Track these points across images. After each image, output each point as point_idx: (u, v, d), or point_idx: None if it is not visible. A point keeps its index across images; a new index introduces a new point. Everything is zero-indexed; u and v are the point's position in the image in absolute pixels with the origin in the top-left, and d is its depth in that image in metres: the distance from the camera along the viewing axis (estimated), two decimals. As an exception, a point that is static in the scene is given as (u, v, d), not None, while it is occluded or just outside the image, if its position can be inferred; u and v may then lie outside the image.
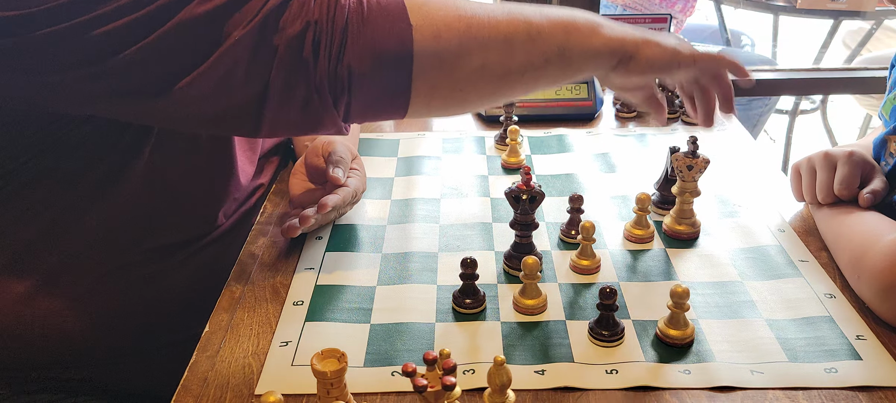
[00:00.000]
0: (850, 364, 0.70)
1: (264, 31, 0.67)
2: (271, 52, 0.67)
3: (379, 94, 0.71)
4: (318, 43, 0.67)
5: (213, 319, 0.78)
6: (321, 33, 0.67)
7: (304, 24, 0.67)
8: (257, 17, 0.66)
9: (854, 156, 0.88)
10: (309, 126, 0.72)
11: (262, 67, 0.67)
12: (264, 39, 0.67)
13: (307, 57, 0.67)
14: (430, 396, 0.57)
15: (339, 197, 0.89)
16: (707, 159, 0.87)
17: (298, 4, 0.68)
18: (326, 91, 0.68)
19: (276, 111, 0.69)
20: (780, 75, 1.79)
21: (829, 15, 2.51)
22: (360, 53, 0.68)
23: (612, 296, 0.72)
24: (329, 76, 0.68)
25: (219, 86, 0.68)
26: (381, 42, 0.68)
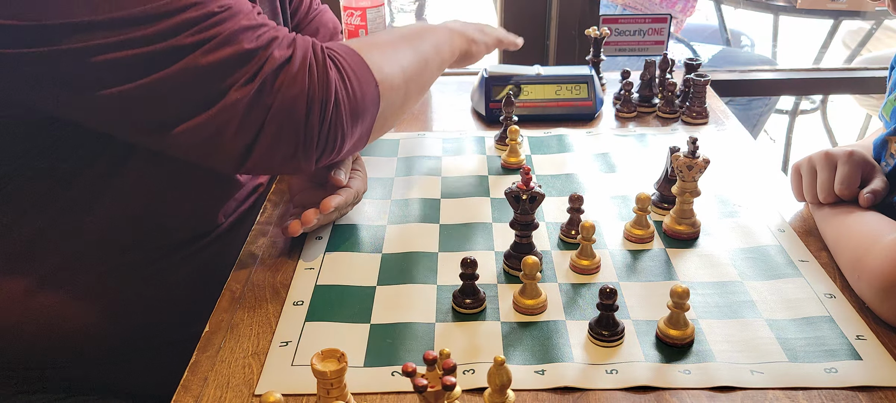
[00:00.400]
0: (850, 364, 0.70)
1: (261, 93, 0.72)
2: (264, 112, 0.73)
3: (352, 148, 0.83)
4: (311, 109, 0.74)
5: (213, 319, 0.78)
6: (313, 101, 0.74)
7: (299, 90, 0.74)
8: (256, 79, 0.72)
9: (854, 155, 0.88)
10: (286, 172, 0.82)
11: (254, 126, 0.73)
12: (260, 100, 0.72)
13: (299, 120, 0.74)
14: (430, 396, 0.57)
15: (342, 197, 0.89)
16: (707, 159, 0.87)
17: (294, 70, 0.74)
18: (313, 150, 0.77)
19: (259, 162, 0.76)
20: (780, 75, 1.79)
21: (829, 15, 2.50)
22: (346, 118, 0.78)
23: (612, 296, 0.72)
24: (319, 139, 0.76)
25: (211, 138, 0.72)
26: (362, 108, 0.80)
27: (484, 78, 1.27)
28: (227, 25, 0.71)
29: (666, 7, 2.21)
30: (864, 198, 0.86)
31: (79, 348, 0.86)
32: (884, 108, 0.96)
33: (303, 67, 0.74)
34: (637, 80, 1.29)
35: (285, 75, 0.73)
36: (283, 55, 0.74)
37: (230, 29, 0.71)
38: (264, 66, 0.72)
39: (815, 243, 0.90)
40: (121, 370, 0.90)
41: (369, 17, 1.31)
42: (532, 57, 1.70)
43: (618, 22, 1.46)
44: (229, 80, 0.71)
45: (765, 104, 2.30)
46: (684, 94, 1.27)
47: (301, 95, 0.74)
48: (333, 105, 0.76)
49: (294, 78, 0.73)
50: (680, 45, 2.29)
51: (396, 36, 0.91)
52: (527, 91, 1.26)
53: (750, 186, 1.03)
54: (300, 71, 0.74)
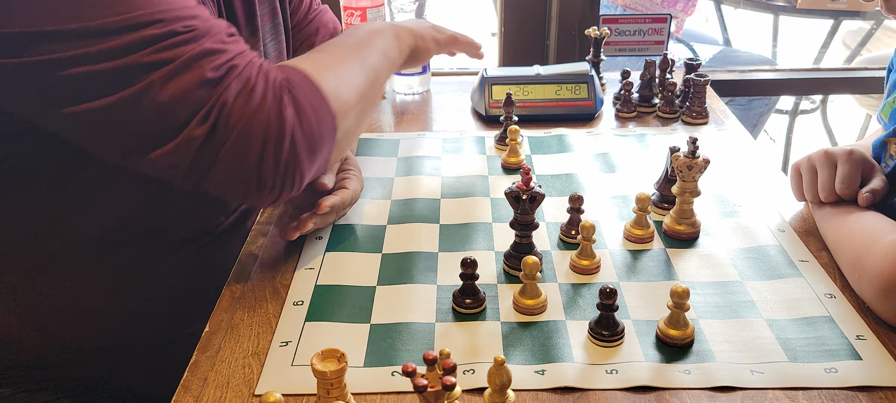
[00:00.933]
0: (850, 364, 0.70)
1: (214, 132, 0.70)
2: (216, 150, 0.70)
3: (311, 178, 0.80)
4: (265, 150, 0.72)
5: (213, 319, 0.78)
6: (268, 142, 0.72)
7: (253, 130, 0.71)
8: (211, 116, 0.69)
9: (854, 154, 0.88)
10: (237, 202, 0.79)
11: (206, 163, 0.71)
12: (213, 139, 0.70)
13: (251, 162, 0.72)
14: (430, 396, 0.57)
15: (338, 198, 0.89)
16: (707, 159, 0.87)
17: (250, 109, 0.71)
18: (267, 191, 0.74)
19: (213, 191, 0.74)
20: (780, 75, 1.79)
21: (829, 15, 2.50)
22: (303, 156, 0.75)
23: (612, 296, 0.72)
24: (275, 179, 0.74)
25: (168, 168, 0.71)
26: (319, 142, 0.77)
27: (484, 78, 1.27)
28: (189, 47, 0.69)
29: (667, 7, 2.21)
30: (863, 197, 0.86)
31: (78, 348, 0.86)
32: (882, 111, 0.96)
33: (260, 106, 0.72)
34: (637, 80, 1.29)
35: (240, 114, 0.71)
36: (240, 89, 0.71)
37: (192, 52, 0.69)
38: (220, 102, 0.70)
39: (815, 243, 0.90)
40: (121, 370, 0.90)
41: (369, 17, 1.31)
42: (532, 57, 1.70)
43: (618, 22, 1.46)
44: (186, 117, 0.69)
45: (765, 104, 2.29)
46: (684, 94, 1.27)
47: (255, 136, 0.71)
48: (289, 144, 0.73)
49: (250, 117, 0.71)
50: (680, 45, 2.28)
51: (346, 50, 0.88)
52: (527, 91, 1.26)
53: (750, 186, 1.03)
54: (256, 110, 0.71)
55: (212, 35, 0.72)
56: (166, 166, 0.71)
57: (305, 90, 0.76)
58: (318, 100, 0.77)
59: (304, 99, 0.75)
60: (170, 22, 0.68)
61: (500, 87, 1.25)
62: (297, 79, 0.77)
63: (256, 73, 0.73)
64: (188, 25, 0.70)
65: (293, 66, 0.78)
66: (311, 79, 0.77)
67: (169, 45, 0.68)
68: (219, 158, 0.71)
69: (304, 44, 1.12)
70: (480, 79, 1.28)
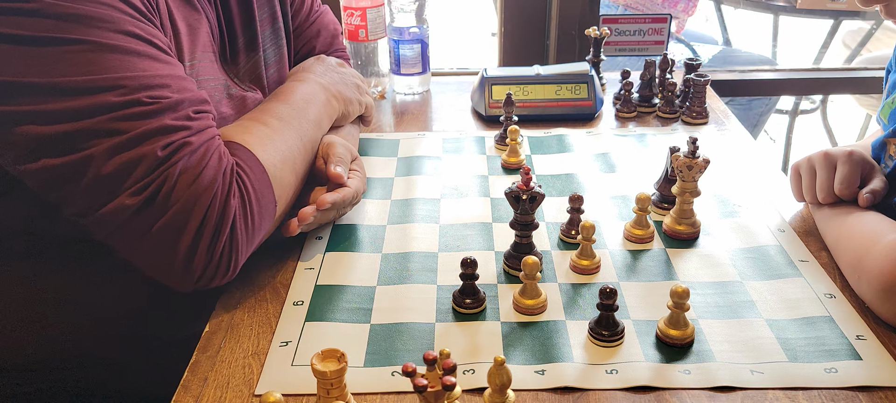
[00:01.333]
0: (850, 364, 0.70)
1: (151, 204, 0.68)
2: (153, 220, 0.69)
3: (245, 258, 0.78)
4: (201, 235, 0.70)
5: (213, 319, 0.78)
6: (205, 227, 0.70)
7: (193, 212, 0.69)
8: (149, 189, 0.68)
9: (854, 155, 0.88)
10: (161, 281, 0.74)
11: (140, 232, 0.69)
12: (150, 209, 0.68)
13: (183, 245, 0.70)
14: (430, 396, 0.57)
15: (340, 195, 0.89)
16: (707, 159, 0.87)
17: (198, 190, 0.70)
18: (193, 276, 0.72)
19: (139, 263, 0.73)
20: (780, 75, 1.79)
21: (829, 15, 2.50)
22: (242, 244, 0.75)
23: (612, 296, 0.72)
24: (206, 267, 0.72)
25: (101, 231, 0.70)
26: (260, 230, 0.78)
27: (484, 78, 1.27)
28: (146, 122, 0.67)
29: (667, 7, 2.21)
30: (863, 197, 0.86)
31: (78, 349, 0.86)
32: (881, 112, 0.96)
33: (207, 188, 0.70)
34: (637, 80, 1.29)
35: (183, 192, 0.69)
36: (188, 168, 0.69)
37: (148, 127, 0.67)
38: (163, 176, 0.68)
39: (815, 243, 0.90)
40: (121, 370, 0.90)
41: (369, 17, 1.31)
42: (532, 57, 1.70)
43: (618, 22, 1.46)
44: (124, 185, 0.67)
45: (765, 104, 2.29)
46: (684, 94, 1.27)
47: (194, 216, 0.70)
48: (229, 232, 0.72)
49: (193, 197, 0.69)
50: (680, 45, 2.28)
51: (285, 122, 0.87)
52: (527, 91, 1.26)
53: (750, 186, 1.03)
54: (202, 192, 0.70)
55: (176, 110, 0.70)
56: (100, 229, 0.70)
57: (255, 177, 0.76)
58: (264, 187, 0.77)
59: (252, 187, 0.75)
60: (134, 90, 0.67)
61: (500, 87, 1.25)
62: (248, 164, 0.76)
63: (209, 154, 0.71)
64: (154, 96, 0.68)
65: (243, 147, 0.78)
66: (260, 163, 0.78)
67: (126, 116, 0.67)
68: (151, 232, 0.69)
69: (306, 47, 1.12)
70: (480, 79, 1.28)
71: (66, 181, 0.67)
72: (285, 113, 0.89)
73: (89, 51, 0.66)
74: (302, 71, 1.02)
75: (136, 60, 0.68)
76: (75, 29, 0.65)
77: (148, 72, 0.69)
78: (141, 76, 0.68)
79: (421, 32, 1.34)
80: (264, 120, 0.85)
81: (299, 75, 1.00)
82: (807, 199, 0.94)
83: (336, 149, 0.93)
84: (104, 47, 0.67)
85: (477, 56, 3.55)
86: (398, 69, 1.38)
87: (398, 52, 1.35)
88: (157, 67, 0.70)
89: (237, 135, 0.80)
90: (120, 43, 0.68)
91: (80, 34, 0.66)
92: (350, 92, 1.05)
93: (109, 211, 0.68)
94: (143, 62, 0.69)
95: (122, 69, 0.67)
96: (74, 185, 0.68)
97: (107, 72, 0.66)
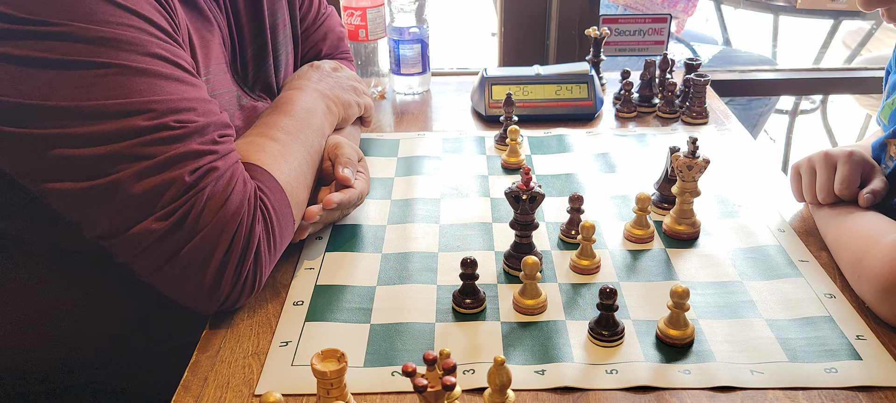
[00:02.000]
0: (850, 364, 0.70)
1: (180, 228, 0.69)
2: (181, 245, 0.69)
3: None
4: (228, 258, 0.72)
5: (213, 319, 0.78)
6: (233, 252, 0.72)
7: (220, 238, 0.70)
8: (177, 214, 0.68)
9: (854, 155, 0.88)
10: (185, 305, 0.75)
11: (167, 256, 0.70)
12: (178, 234, 0.69)
13: (212, 268, 0.71)
14: (430, 396, 0.57)
15: (346, 196, 0.89)
16: (707, 159, 0.87)
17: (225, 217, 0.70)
18: (218, 299, 0.73)
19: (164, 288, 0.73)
20: (780, 75, 1.79)
21: (829, 15, 2.50)
22: (264, 266, 0.76)
23: (612, 296, 0.72)
24: (233, 289, 0.73)
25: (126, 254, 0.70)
26: (280, 250, 0.80)
27: (484, 78, 1.27)
28: (173, 147, 0.68)
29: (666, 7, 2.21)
30: (863, 198, 0.86)
31: (78, 350, 0.86)
32: (881, 112, 0.96)
33: (235, 214, 0.71)
34: (637, 80, 1.29)
35: (211, 216, 0.70)
36: (216, 193, 0.70)
37: (176, 151, 0.68)
38: (191, 201, 0.69)
39: (815, 243, 0.90)
40: (121, 371, 0.90)
41: (369, 17, 1.31)
42: (532, 57, 1.70)
43: (618, 22, 1.46)
44: (153, 209, 0.68)
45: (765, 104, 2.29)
46: (684, 94, 1.27)
47: (222, 242, 0.70)
48: (254, 256, 0.73)
49: (221, 223, 0.70)
50: (680, 45, 2.28)
51: (293, 136, 0.87)
52: (527, 91, 1.26)
53: (750, 186, 1.03)
54: (230, 218, 0.71)
55: (203, 134, 0.70)
56: (124, 252, 0.70)
57: (275, 199, 0.78)
58: (284, 207, 0.79)
59: (274, 211, 0.77)
60: (162, 114, 0.67)
61: (500, 87, 1.25)
62: (268, 187, 0.77)
63: (235, 179, 0.72)
64: (181, 120, 0.69)
65: (262, 169, 0.78)
66: (279, 184, 0.79)
67: (154, 140, 0.67)
68: (179, 256, 0.69)
69: (313, 50, 1.12)
70: (480, 79, 1.28)
71: (91, 203, 0.67)
72: (291, 126, 0.88)
73: (118, 74, 0.66)
74: (298, 79, 1.01)
75: (164, 83, 0.68)
76: (104, 52, 0.65)
77: (175, 96, 0.69)
78: (168, 100, 0.68)
79: (421, 32, 1.34)
80: (273, 135, 0.85)
81: (296, 84, 0.99)
82: (806, 199, 0.94)
83: (344, 150, 0.93)
84: (132, 70, 0.66)
85: (477, 56, 3.55)
86: (398, 69, 1.38)
87: (398, 52, 1.35)
88: (184, 90, 0.70)
89: (252, 154, 0.80)
90: (148, 66, 0.68)
91: (109, 58, 0.65)
92: (347, 95, 1.05)
93: (135, 234, 0.68)
94: (170, 85, 0.69)
95: (150, 93, 0.67)
96: (100, 208, 0.67)
97: (135, 95, 0.66)
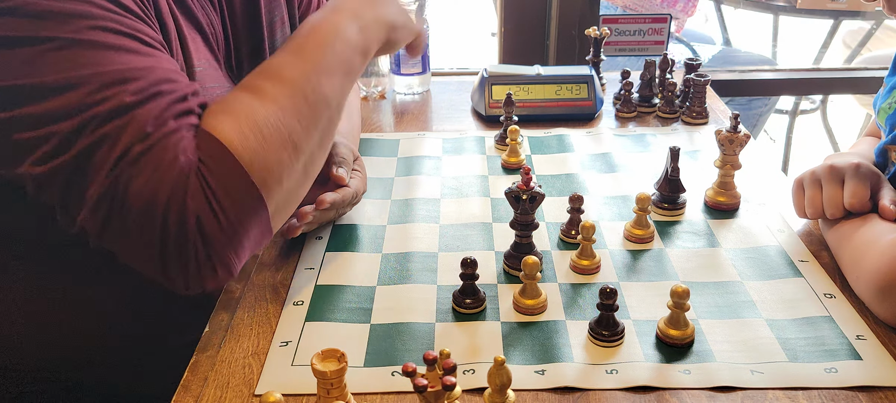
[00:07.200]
0: (850, 364, 0.70)
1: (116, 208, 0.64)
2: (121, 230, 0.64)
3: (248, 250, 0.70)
4: (165, 240, 0.64)
5: (213, 319, 0.78)
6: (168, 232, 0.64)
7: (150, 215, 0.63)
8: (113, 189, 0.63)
9: (861, 167, 0.85)
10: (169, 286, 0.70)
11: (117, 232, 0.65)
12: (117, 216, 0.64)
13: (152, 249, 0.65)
14: (430, 396, 0.57)
15: (339, 195, 0.89)
16: (748, 134, 0.94)
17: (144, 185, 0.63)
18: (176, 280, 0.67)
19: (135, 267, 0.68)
20: (780, 75, 1.79)
21: (829, 15, 2.51)
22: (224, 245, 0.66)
23: (612, 296, 0.72)
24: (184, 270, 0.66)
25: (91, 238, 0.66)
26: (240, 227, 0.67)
27: (484, 78, 1.27)
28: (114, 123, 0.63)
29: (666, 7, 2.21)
30: (890, 210, 0.81)
31: (78, 350, 0.86)
32: (878, 115, 0.95)
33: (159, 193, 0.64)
34: (637, 80, 1.29)
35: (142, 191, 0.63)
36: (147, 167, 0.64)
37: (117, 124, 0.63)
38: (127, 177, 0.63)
39: (816, 243, 0.90)
40: (120, 371, 0.90)
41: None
42: (532, 57, 1.70)
43: (618, 22, 1.46)
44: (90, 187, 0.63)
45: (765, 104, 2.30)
46: (684, 94, 1.27)
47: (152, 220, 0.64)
48: (199, 235, 0.65)
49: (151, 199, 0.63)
50: (680, 45, 2.29)
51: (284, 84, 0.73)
52: (527, 91, 1.26)
53: (750, 186, 1.03)
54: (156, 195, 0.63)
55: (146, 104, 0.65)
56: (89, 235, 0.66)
57: (221, 170, 0.66)
58: (236, 178, 0.67)
59: (216, 183, 0.66)
60: (105, 85, 0.63)
61: (500, 87, 1.25)
62: (213, 157, 0.66)
63: (169, 153, 0.64)
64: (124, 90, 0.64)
65: (211, 136, 0.67)
66: (230, 154, 0.67)
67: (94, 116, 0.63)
68: (125, 236, 0.65)
69: None
70: (480, 79, 1.28)
71: (47, 186, 0.65)
72: (288, 70, 0.74)
73: (64, 48, 0.63)
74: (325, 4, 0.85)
75: (113, 55, 0.65)
76: (50, 26, 0.63)
77: (121, 66, 0.65)
78: (113, 70, 0.64)
79: (421, 32, 1.34)
80: (257, 86, 0.73)
81: (319, 11, 0.82)
82: (809, 214, 0.89)
83: (338, 149, 0.93)
84: (80, 44, 0.63)
85: (477, 56, 3.55)
86: (398, 69, 1.38)
87: (398, 51, 1.35)
88: (133, 60, 0.66)
89: (214, 115, 0.70)
90: (95, 38, 0.64)
91: (56, 31, 0.63)
92: (390, 10, 0.85)
93: (84, 218, 0.65)
94: (118, 56, 0.65)
95: (95, 64, 0.64)
96: (54, 190, 0.65)
97: (80, 69, 0.63)
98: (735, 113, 0.96)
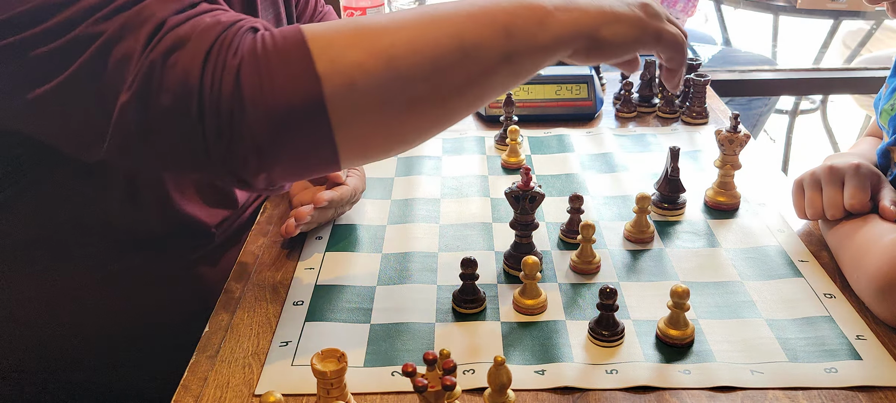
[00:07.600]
0: (850, 364, 0.70)
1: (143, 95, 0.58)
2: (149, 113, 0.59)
3: (297, 158, 0.62)
4: (203, 115, 0.58)
5: (213, 319, 0.78)
6: (205, 108, 0.58)
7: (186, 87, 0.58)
8: (137, 80, 0.58)
9: (861, 168, 0.85)
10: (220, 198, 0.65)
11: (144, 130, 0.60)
12: (145, 109, 0.58)
13: (192, 142, 0.59)
14: (430, 396, 0.57)
15: (337, 193, 0.89)
16: (748, 135, 0.94)
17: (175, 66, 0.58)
18: (225, 175, 0.61)
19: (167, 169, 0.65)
20: (780, 75, 1.79)
21: (829, 15, 2.51)
22: (258, 124, 0.58)
23: (612, 296, 0.72)
24: (224, 160, 0.60)
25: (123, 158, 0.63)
26: (285, 103, 0.58)
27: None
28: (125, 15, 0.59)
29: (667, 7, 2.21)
30: (890, 212, 0.81)
31: (78, 350, 0.86)
32: (880, 116, 0.95)
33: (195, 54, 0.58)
34: (637, 80, 1.29)
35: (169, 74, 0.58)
36: (170, 47, 0.58)
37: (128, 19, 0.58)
38: (148, 61, 0.58)
39: (816, 243, 0.90)
40: (120, 371, 0.90)
41: (369, 17, 1.31)
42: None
43: None
44: (123, 82, 0.58)
45: (765, 104, 2.30)
46: (684, 94, 1.27)
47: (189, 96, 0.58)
48: (234, 106, 0.58)
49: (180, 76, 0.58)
50: (680, 45, 2.28)
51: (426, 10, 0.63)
52: (527, 91, 1.26)
53: (750, 186, 1.03)
54: (188, 69, 0.58)
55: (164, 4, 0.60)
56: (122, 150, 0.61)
57: (278, 36, 0.60)
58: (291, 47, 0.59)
59: (273, 44, 0.59)
60: None
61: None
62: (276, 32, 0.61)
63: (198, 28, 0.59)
64: None
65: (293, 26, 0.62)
66: (299, 30, 0.61)
67: (106, 14, 0.58)
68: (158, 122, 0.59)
69: None
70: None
71: (74, 100, 0.60)
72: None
73: None
74: None
75: None
76: None
77: None
78: None
79: (421, 32, 1.34)
80: None
81: None
82: (809, 215, 0.89)
83: None
84: None
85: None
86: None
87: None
88: None
89: None
90: None
91: None
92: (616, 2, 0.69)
93: (115, 122, 0.59)
94: None
95: None
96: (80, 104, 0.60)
97: None
98: (735, 113, 0.95)
